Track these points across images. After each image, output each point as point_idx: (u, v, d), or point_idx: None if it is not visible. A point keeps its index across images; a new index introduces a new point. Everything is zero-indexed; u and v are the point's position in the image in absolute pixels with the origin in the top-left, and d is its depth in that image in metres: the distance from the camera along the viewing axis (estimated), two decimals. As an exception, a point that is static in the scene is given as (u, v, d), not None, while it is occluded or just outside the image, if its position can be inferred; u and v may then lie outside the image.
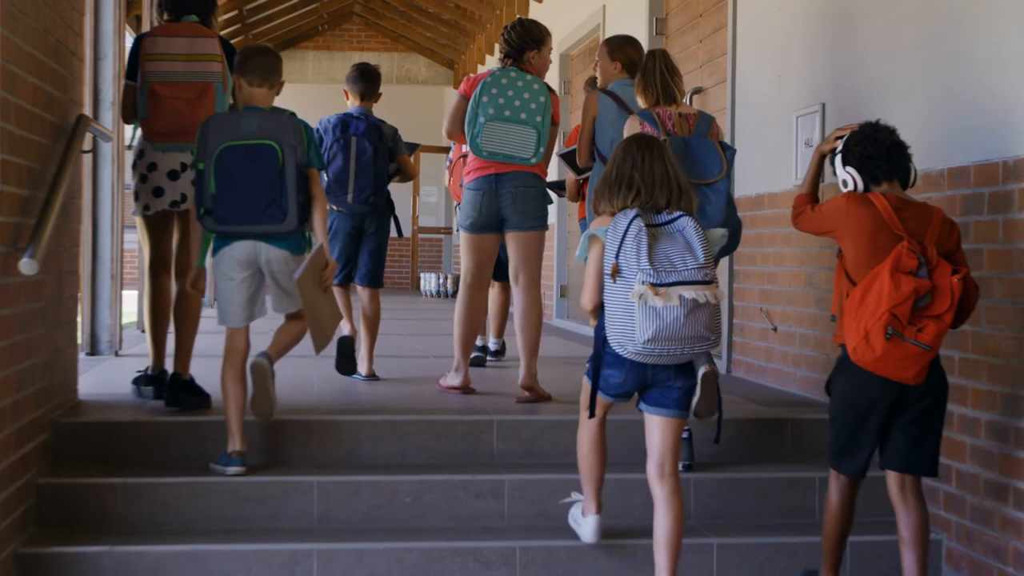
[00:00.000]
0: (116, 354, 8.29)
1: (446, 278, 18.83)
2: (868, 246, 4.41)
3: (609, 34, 10.74)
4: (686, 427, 5.35)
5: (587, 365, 4.65)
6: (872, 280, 4.30)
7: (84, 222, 7.81)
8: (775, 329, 6.85)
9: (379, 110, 7.13)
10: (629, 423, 5.61)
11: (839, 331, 4.53)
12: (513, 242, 6.36)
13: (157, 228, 5.98)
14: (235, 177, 5.14)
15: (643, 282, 4.26)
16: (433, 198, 21.73)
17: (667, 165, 4.52)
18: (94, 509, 5.01)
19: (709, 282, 4.33)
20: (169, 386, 5.76)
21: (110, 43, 8.28)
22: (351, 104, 7.13)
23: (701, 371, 5.03)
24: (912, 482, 4.54)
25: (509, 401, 6.23)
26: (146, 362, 6.25)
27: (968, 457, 4.94)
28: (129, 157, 5.99)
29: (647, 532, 4.87)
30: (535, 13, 14.19)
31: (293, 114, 5.31)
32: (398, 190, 7.85)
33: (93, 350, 8.22)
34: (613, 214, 4.48)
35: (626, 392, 4.60)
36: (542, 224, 6.38)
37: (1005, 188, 4.68)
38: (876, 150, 4.52)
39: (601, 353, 4.53)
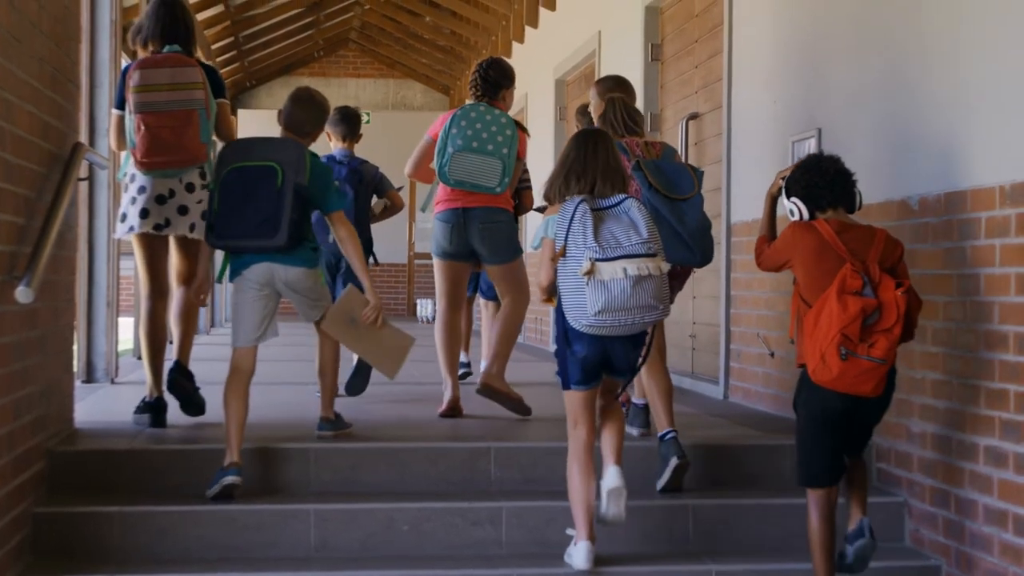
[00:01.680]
0: (112, 382, 8.27)
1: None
2: (816, 269, 4.67)
3: (605, 60, 10.81)
4: (673, 429, 5.45)
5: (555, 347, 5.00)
6: (823, 304, 4.54)
7: (80, 250, 7.80)
8: (772, 355, 6.84)
9: (375, 135, 7.25)
10: (630, 449, 5.59)
11: (800, 352, 4.75)
12: (491, 273, 6.71)
13: (153, 252, 6.06)
14: (236, 196, 5.34)
15: (589, 259, 4.64)
16: (429, 225, 21.73)
17: (610, 155, 4.93)
18: (90, 538, 4.98)
19: (653, 255, 4.69)
20: (171, 370, 6.06)
21: (106, 71, 8.28)
22: (334, 146, 7.56)
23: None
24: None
25: (506, 427, 6.22)
26: (140, 391, 6.24)
27: (967, 483, 4.92)
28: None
29: (647, 559, 4.95)
30: (530, 39, 14.25)
31: (315, 155, 5.54)
32: (396, 215, 8.02)
33: (89, 378, 8.20)
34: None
35: (590, 367, 4.86)
36: (515, 255, 6.65)
37: (1002, 213, 4.68)
38: (820, 179, 4.77)
39: (565, 330, 4.85)
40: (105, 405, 7.00)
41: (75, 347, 6.10)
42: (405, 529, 5.15)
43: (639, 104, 9.40)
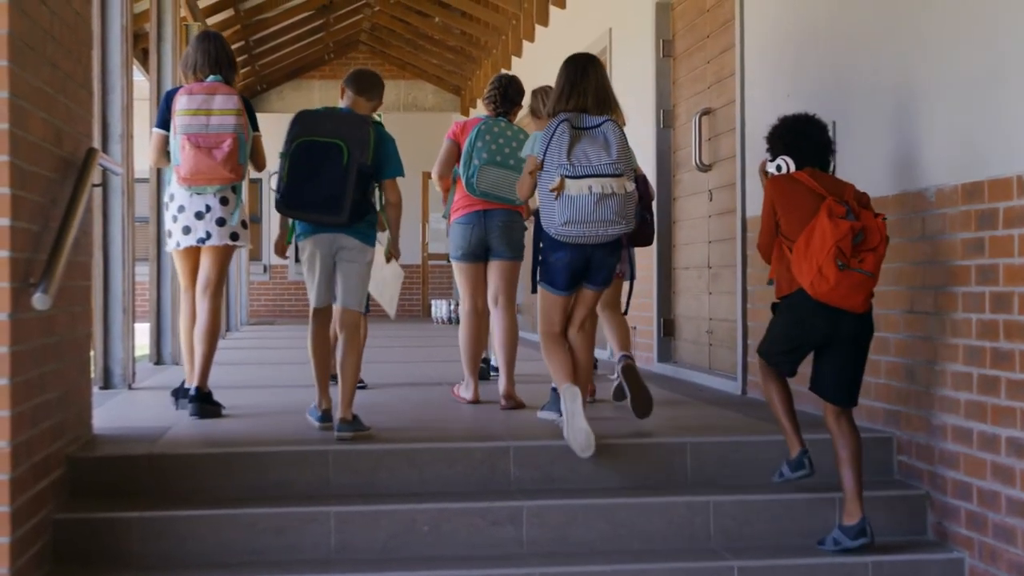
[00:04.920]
0: (129, 387, 8.28)
1: (457, 304, 18.81)
2: (796, 209, 5.07)
3: (616, 57, 10.79)
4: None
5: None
6: (813, 227, 4.95)
7: (95, 256, 7.81)
8: (790, 349, 6.81)
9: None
10: (650, 446, 5.60)
11: (779, 285, 5.21)
12: (496, 270, 7.18)
13: (191, 260, 6.71)
14: (303, 169, 5.81)
15: (560, 175, 5.28)
16: (443, 225, 21.74)
17: (598, 77, 5.57)
18: (111, 544, 4.98)
19: (619, 175, 5.30)
20: (192, 399, 6.50)
21: (118, 76, 8.30)
22: None
23: (620, 365, 6.43)
24: (845, 411, 5.14)
25: (525, 427, 6.21)
26: (157, 396, 6.32)
27: (989, 474, 4.90)
28: (139, 191, 6.26)
29: (667, 556, 4.91)
30: (540, 38, 14.24)
31: (379, 124, 6.01)
32: (407, 216, 8.11)
33: (106, 384, 8.21)
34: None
35: (573, 273, 5.56)
36: (521, 255, 7.24)
37: (1020, 203, 4.65)
38: (806, 143, 5.27)
39: (546, 239, 5.49)
40: (123, 411, 7.00)
41: (92, 353, 6.11)
42: (425, 530, 5.14)
43: (650, 101, 9.44)
